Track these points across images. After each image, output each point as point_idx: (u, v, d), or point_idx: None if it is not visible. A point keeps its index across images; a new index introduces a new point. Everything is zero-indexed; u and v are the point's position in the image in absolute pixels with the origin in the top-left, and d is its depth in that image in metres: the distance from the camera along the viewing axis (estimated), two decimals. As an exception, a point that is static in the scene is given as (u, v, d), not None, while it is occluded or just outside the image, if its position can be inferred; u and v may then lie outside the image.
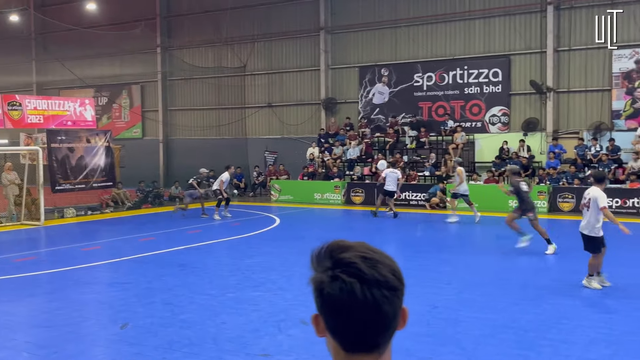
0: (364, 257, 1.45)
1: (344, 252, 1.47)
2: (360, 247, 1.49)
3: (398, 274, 1.48)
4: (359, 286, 1.41)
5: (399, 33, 26.57)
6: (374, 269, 1.44)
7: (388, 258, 1.50)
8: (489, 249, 15.18)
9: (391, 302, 1.44)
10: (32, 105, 20.57)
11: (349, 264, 1.44)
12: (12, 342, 7.81)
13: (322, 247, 1.52)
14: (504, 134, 24.35)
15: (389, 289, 1.44)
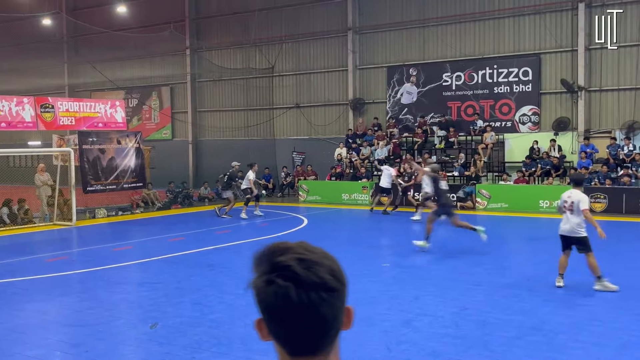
0: (301, 259, 1.42)
1: (280, 255, 1.44)
2: (299, 249, 1.45)
3: (338, 275, 1.44)
4: (294, 290, 1.38)
5: (428, 32, 26.43)
6: (309, 271, 1.40)
7: (328, 258, 1.46)
8: (519, 250, 15.02)
9: (329, 304, 1.40)
10: (64, 108, 20.91)
11: (285, 267, 1.40)
12: (45, 340, 7.95)
13: (261, 250, 1.48)
14: (535, 134, 24.06)
15: (327, 290, 1.40)
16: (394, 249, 14.12)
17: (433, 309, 8.94)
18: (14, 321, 8.70)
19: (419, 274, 11.30)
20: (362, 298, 9.68)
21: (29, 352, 7.40)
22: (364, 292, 10.06)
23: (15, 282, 11.32)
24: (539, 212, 20.27)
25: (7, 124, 19.27)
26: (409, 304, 9.22)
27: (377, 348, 7.34)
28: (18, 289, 10.74)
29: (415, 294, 9.83)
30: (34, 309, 9.38)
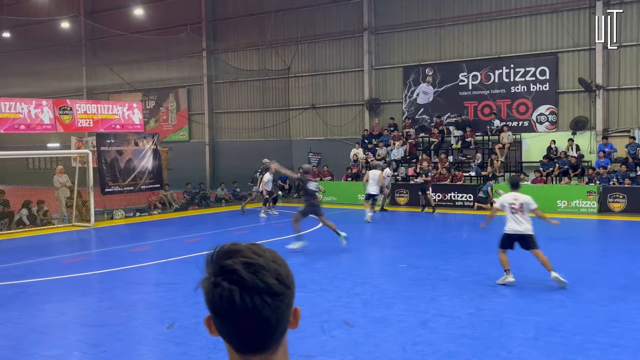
0: (248, 263, 1.46)
1: (229, 258, 1.48)
2: (247, 252, 1.49)
3: (283, 279, 1.49)
4: (239, 293, 1.43)
5: (444, 32, 26.35)
6: (255, 276, 1.45)
7: (276, 262, 1.50)
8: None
9: (273, 308, 1.45)
10: (82, 110, 21.12)
11: (232, 271, 1.45)
12: (64, 340, 8.04)
13: (212, 251, 1.52)
14: (552, 133, 23.89)
15: (271, 295, 1.45)
16: (410, 250, 14.09)
17: (449, 310, 8.91)
18: (33, 321, 8.80)
19: (435, 275, 11.27)
20: (378, 298, 9.68)
21: (48, 352, 7.49)
22: (381, 292, 10.06)
23: (34, 283, 11.45)
24: (557, 212, 20.10)
25: (26, 126, 19.50)
26: (425, 305, 9.20)
27: (393, 349, 7.34)
28: (37, 290, 10.86)
29: (431, 294, 9.81)
30: (53, 309, 9.49)
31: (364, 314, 8.84)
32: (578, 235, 16.83)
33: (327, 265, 12.51)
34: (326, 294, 10.01)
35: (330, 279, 11.15)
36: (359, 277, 11.25)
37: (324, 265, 12.51)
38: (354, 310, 9.04)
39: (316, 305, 9.27)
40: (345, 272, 11.65)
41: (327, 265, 12.43)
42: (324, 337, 7.78)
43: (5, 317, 9.10)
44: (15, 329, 8.46)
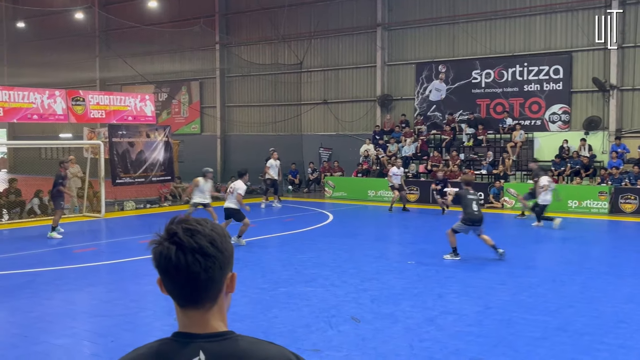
0: (187, 228, 1.71)
1: (174, 225, 1.73)
2: (190, 221, 1.74)
3: (217, 244, 1.71)
4: (174, 251, 1.67)
5: (457, 29, 26.22)
6: (191, 238, 1.68)
7: (214, 231, 1.73)
8: (545, 249, 14.85)
9: (204, 266, 1.67)
10: (95, 101, 21.20)
11: (172, 234, 1.70)
12: (72, 330, 8.10)
13: (168, 221, 1.78)
14: (565, 133, 23.74)
15: (202, 254, 1.68)
16: (418, 247, 14.06)
17: (457, 308, 8.89)
18: (42, 310, 8.86)
19: (444, 272, 11.24)
20: (386, 295, 9.68)
21: (57, 340, 7.55)
22: (389, 289, 10.05)
23: (44, 272, 11.53)
24: (567, 212, 20.01)
25: (39, 116, 19.61)
26: (433, 302, 9.19)
27: (400, 345, 7.33)
28: (47, 279, 10.94)
29: (439, 292, 9.79)
30: (62, 299, 9.55)
31: (371, 309, 8.84)
32: (588, 236, 16.74)
33: (336, 260, 12.50)
34: (335, 289, 10.02)
35: (339, 274, 11.16)
36: (367, 273, 11.24)
37: (333, 260, 12.51)
38: (362, 306, 9.04)
39: (324, 300, 9.28)
40: (354, 268, 11.64)
41: (336, 261, 12.43)
42: (332, 331, 7.78)
43: (16, 305, 9.18)
44: (25, 318, 8.52)
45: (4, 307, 9.09)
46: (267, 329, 7.82)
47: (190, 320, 1.74)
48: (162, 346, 1.75)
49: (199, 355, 1.68)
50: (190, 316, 1.74)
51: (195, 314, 1.73)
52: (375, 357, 6.92)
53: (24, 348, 7.22)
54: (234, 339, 1.73)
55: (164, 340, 1.76)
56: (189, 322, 1.74)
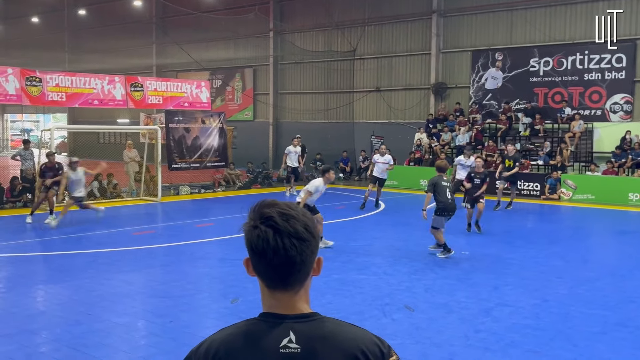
0: (282, 212, 1.76)
1: (267, 208, 1.78)
2: (282, 205, 1.79)
3: (310, 229, 1.77)
4: (272, 235, 1.72)
5: (515, 16, 25.64)
6: (287, 222, 1.74)
7: (305, 216, 1.79)
8: (604, 243, 14.48)
9: (299, 250, 1.73)
10: (153, 87, 21.62)
11: (268, 218, 1.75)
12: (132, 309, 8.34)
13: (255, 203, 1.83)
14: (627, 123, 22.99)
15: (298, 239, 1.73)
16: (471, 237, 13.90)
17: (513, 300, 8.78)
18: (104, 289, 9.15)
19: (498, 264, 11.10)
20: (440, 285, 9.62)
21: (118, 319, 7.79)
22: (443, 278, 9.99)
23: (104, 253, 11.89)
24: (628, 205, 19.45)
25: (100, 101, 20.13)
26: (488, 293, 9.09)
27: (455, 335, 7.29)
28: (107, 260, 11.27)
29: (494, 283, 9.67)
30: (122, 279, 9.83)
31: (425, 299, 8.81)
32: (650, 230, 16.23)
33: (388, 249, 12.48)
34: (388, 278, 10.01)
35: (392, 262, 11.15)
36: (420, 262, 11.19)
37: (386, 249, 12.50)
38: (415, 295, 9.01)
39: (377, 288, 9.29)
40: (406, 257, 11.61)
41: (389, 249, 12.41)
42: (385, 320, 7.80)
43: (79, 284, 9.50)
44: (88, 296, 8.82)
45: (69, 286, 9.42)
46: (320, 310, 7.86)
47: (278, 302, 1.78)
48: (250, 326, 1.78)
49: (289, 336, 1.73)
50: (279, 298, 1.78)
51: (284, 295, 1.78)
52: (429, 347, 6.90)
53: (87, 325, 7.48)
54: (320, 320, 1.78)
55: (251, 321, 1.79)
56: (276, 303, 1.78)
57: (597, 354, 6.71)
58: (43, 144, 24.36)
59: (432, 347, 6.87)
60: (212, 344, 1.78)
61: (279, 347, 1.72)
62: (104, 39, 38.80)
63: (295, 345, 1.72)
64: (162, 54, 38.44)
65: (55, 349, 6.77)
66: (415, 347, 6.86)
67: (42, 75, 18.77)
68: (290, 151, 21.95)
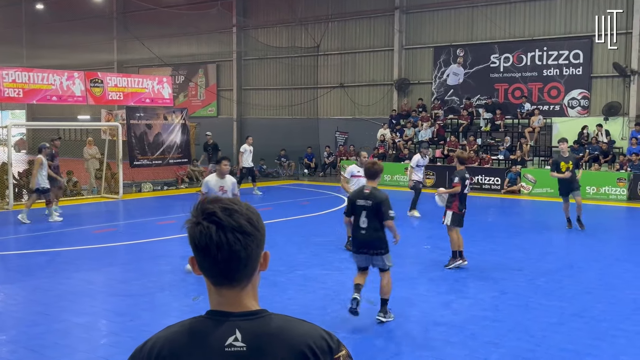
0: (224, 207, 1.74)
1: (210, 204, 1.76)
2: (225, 200, 1.77)
3: (254, 222, 1.76)
4: (215, 230, 1.70)
5: (476, 13, 25.95)
6: (230, 217, 1.72)
7: (249, 210, 1.77)
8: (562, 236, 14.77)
9: (243, 244, 1.71)
10: (113, 83, 21.30)
11: (211, 213, 1.72)
12: (92, 308, 8.22)
13: (198, 201, 1.81)
14: (584, 118, 23.49)
15: (242, 233, 1.71)
16: (434, 232, 14.05)
17: (473, 292, 8.91)
18: (62, 289, 9.00)
19: (460, 257, 11.23)
20: (402, 279, 9.69)
21: (77, 319, 7.67)
22: (404, 273, 10.07)
23: (63, 252, 11.69)
24: (585, 198, 19.85)
25: (58, 97, 19.76)
26: (448, 286, 9.20)
27: (415, 328, 7.36)
28: (66, 259, 11.09)
29: (455, 276, 9.79)
30: (81, 278, 9.68)
31: (387, 293, 8.86)
32: (607, 223, 16.62)
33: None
34: (350, 272, 10.04)
35: (355, 257, 11.19)
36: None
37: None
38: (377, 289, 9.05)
39: (340, 283, 9.32)
40: (369, 252, 11.64)
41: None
42: (347, 314, 7.82)
43: (36, 284, 9.32)
44: (45, 296, 8.66)
45: (26, 286, 9.24)
46: (282, 310, 7.76)
47: (224, 299, 1.76)
48: (196, 324, 1.76)
49: (235, 334, 1.71)
50: (225, 295, 1.76)
51: (230, 292, 1.76)
52: (390, 340, 6.96)
53: (45, 326, 7.34)
54: (268, 317, 1.76)
55: (197, 318, 1.77)
56: (223, 300, 1.76)
57: (554, 344, 6.84)
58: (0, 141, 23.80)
59: (393, 340, 6.94)
60: (156, 342, 1.76)
61: (224, 346, 1.70)
62: (63, 34, 38.01)
63: (241, 344, 1.70)
64: (123, 49, 37.89)
65: (11, 350, 6.64)
66: (377, 341, 6.91)
67: (-3, 71, 18.34)
68: (246, 150, 20.96)
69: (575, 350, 6.67)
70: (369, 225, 7.43)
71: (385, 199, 7.47)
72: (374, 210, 7.41)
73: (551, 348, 6.73)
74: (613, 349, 6.72)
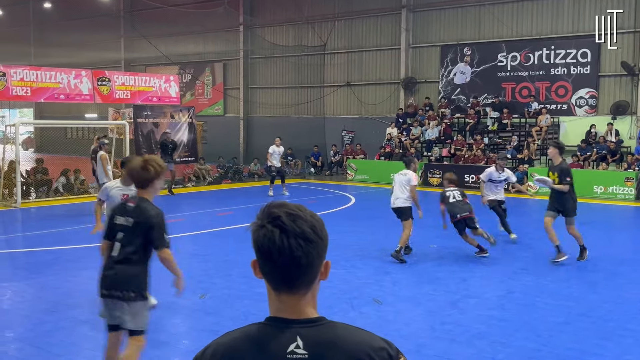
0: (289, 213, 1.76)
1: (275, 208, 1.78)
2: (290, 206, 1.79)
3: (317, 230, 1.77)
4: (279, 234, 1.72)
5: (483, 11, 25.89)
6: (294, 223, 1.73)
7: (313, 217, 1.79)
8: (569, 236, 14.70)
9: (305, 251, 1.72)
10: (120, 81, 21.36)
11: (275, 218, 1.75)
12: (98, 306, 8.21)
13: (265, 204, 1.83)
14: (591, 117, 23.40)
15: (305, 239, 1.73)
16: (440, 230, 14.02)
17: (479, 291, 8.89)
18: (69, 287, 9.03)
19: (466, 256, 11.21)
20: (408, 277, 9.69)
21: (83, 316, 7.69)
22: (411, 272, 10.07)
23: (69, 250, 11.73)
24: (592, 197, 19.80)
25: (66, 96, 19.82)
26: (455, 285, 9.19)
27: (422, 327, 7.36)
28: (73, 256, 11.12)
29: (461, 275, 9.78)
30: (87, 276, 9.64)
31: (393, 292, 8.87)
32: (614, 222, 16.57)
33: (357, 243, 12.53)
34: (356, 271, 10.06)
35: (361, 256, 11.19)
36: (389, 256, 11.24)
37: (355, 243, 12.54)
38: (383, 288, 9.07)
39: (347, 282, 9.32)
40: (376, 251, 11.66)
41: (358, 244, 12.45)
42: (353, 313, 7.83)
43: (43, 281, 9.36)
44: (52, 294, 8.69)
45: (33, 283, 9.28)
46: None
47: (284, 305, 1.77)
48: (257, 330, 1.76)
49: (296, 341, 1.71)
50: (285, 301, 1.77)
51: (290, 299, 1.77)
52: (397, 339, 6.91)
53: (52, 323, 7.37)
54: (327, 325, 1.77)
55: (258, 325, 1.78)
56: (283, 307, 1.77)
57: (560, 343, 6.83)
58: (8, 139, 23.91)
59: (399, 339, 6.92)
60: (217, 349, 1.77)
61: (285, 353, 1.70)
62: (71, 33, 38.13)
63: (303, 351, 1.70)
64: (131, 48, 37.99)
65: (18, 348, 6.67)
66: (383, 340, 6.90)
67: (5, 70, 18.41)
68: (274, 151, 20.15)
69: (582, 350, 6.65)
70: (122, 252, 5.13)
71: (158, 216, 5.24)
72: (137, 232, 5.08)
73: (558, 347, 6.71)
74: (620, 349, 6.69)
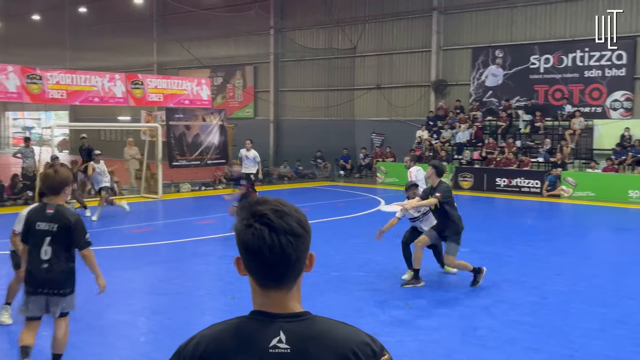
0: (275, 209, 1.75)
1: (259, 205, 1.76)
2: (274, 202, 1.78)
3: (303, 224, 1.77)
4: (268, 232, 1.71)
5: (516, 13, 25.61)
6: (281, 219, 1.73)
7: (297, 212, 1.78)
8: (604, 240, 14.48)
9: (294, 246, 1.73)
10: (153, 85, 21.61)
11: (262, 215, 1.73)
12: (131, 307, 8.35)
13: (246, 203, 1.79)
14: (627, 120, 22.97)
15: (293, 235, 1.73)
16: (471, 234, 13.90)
17: (511, 297, 8.78)
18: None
19: (498, 261, 11.10)
20: (439, 281, 9.63)
21: (117, 316, 7.80)
22: (442, 276, 10.00)
23: (104, 250, 11.88)
24: (628, 202, 19.44)
25: (100, 99, 20.13)
26: (487, 290, 9.09)
27: (453, 332, 7.30)
28: (107, 257, 11.25)
29: (493, 280, 9.67)
30: (121, 277, 9.83)
31: (424, 296, 8.81)
32: (650, 227, 16.23)
33: (387, 246, 12.48)
34: (387, 275, 10.02)
35: (392, 259, 11.14)
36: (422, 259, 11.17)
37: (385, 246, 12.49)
38: (413, 291, 9.02)
39: (377, 285, 9.30)
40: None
41: (388, 247, 12.40)
42: (384, 316, 7.81)
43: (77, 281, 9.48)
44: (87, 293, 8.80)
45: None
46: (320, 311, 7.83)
47: (270, 300, 1.77)
48: (241, 324, 1.77)
49: (279, 335, 1.72)
50: (271, 296, 1.77)
51: (277, 294, 1.77)
52: (427, 344, 6.91)
53: (85, 322, 7.48)
54: (311, 320, 1.77)
55: (242, 318, 1.79)
56: (268, 301, 1.77)
57: (595, 350, 6.71)
58: (44, 141, 24.38)
59: (430, 344, 6.88)
60: (202, 340, 1.78)
61: (268, 347, 1.71)
62: (104, 37, 38.78)
63: (285, 346, 1.71)
64: (163, 51, 38.44)
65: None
66: (413, 344, 6.87)
67: (42, 73, 18.77)
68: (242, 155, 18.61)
69: (618, 357, 6.53)
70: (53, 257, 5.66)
71: (77, 219, 5.91)
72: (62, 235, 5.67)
73: (592, 354, 6.60)
74: (657, 357, 6.56)
